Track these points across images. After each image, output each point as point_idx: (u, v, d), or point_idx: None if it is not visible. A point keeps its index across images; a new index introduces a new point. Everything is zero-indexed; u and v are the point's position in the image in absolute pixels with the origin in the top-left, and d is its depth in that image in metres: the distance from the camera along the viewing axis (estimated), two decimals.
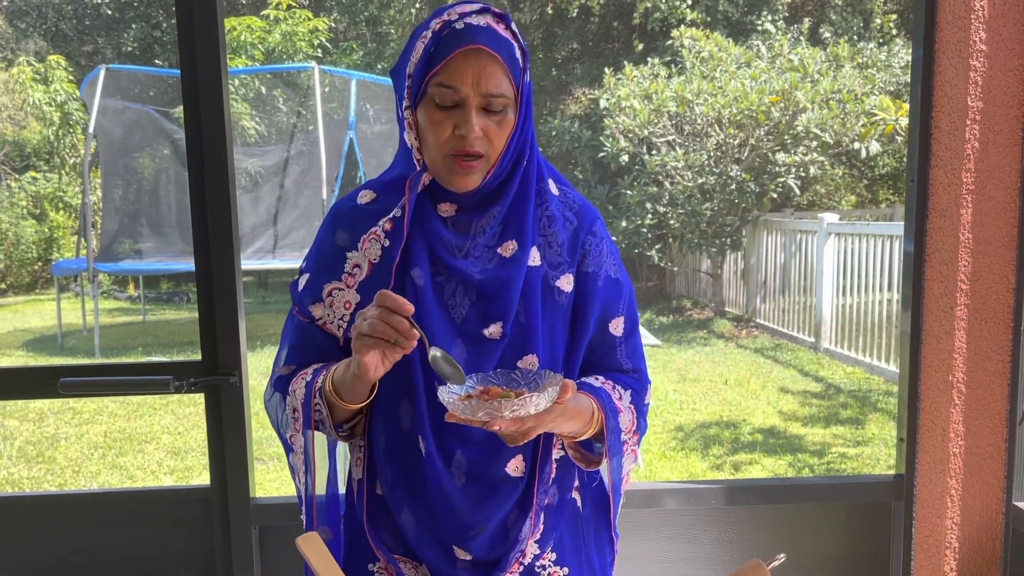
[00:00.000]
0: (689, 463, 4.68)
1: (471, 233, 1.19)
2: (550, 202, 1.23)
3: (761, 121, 8.33)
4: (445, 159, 1.13)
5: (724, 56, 8.88)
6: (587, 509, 1.30)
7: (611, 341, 1.26)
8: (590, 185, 10.03)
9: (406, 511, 1.20)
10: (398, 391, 1.18)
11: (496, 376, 1.11)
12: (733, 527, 2.00)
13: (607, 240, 1.26)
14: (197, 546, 1.93)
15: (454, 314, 1.17)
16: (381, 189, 1.24)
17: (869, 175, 11.40)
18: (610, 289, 1.24)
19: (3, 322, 9.61)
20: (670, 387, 6.23)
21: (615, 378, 1.25)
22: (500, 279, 1.16)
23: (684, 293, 10.47)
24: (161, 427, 5.44)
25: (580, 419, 1.13)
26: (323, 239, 1.25)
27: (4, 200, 11.95)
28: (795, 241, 8.11)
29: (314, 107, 8.47)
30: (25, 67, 11.76)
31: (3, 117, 12.95)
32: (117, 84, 8.44)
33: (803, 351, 7.47)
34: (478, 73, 1.10)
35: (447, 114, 1.12)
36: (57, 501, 1.94)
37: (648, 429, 1.30)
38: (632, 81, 9.04)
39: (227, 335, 1.83)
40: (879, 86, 8.48)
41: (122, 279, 11.47)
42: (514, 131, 1.15)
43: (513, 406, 0.99)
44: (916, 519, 1.94)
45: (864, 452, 4.81)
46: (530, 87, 1.19)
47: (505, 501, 1.19)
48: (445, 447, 1.17)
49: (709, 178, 8.67)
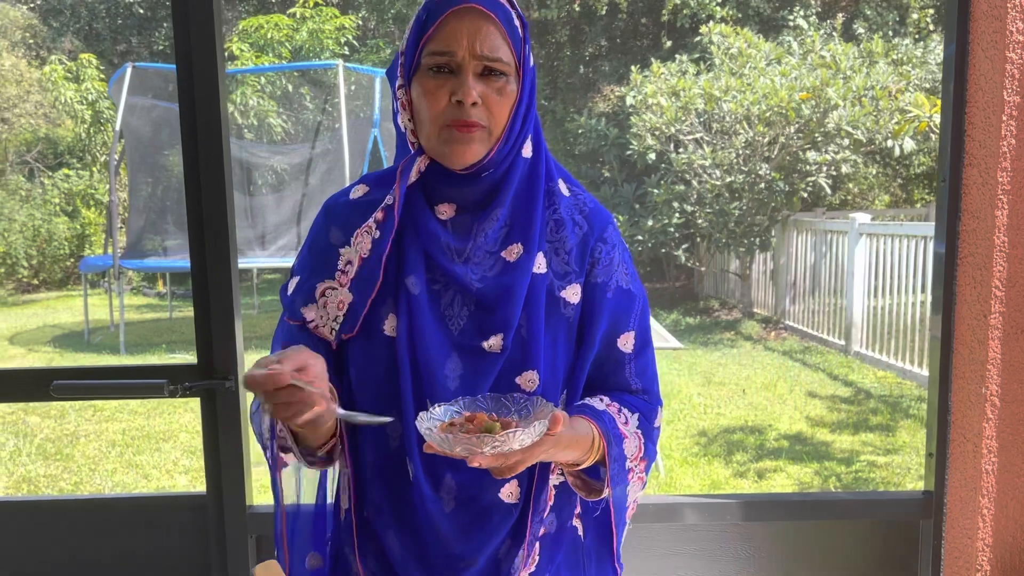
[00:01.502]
0: (711, 470, 4.56)
1: (472, 235, 1.10)
2: (559, 204, 1.14)
3: (791, 118, 8.17)
4: (441, 130, 1.05)
5: (754, 52, 8.72)
6: (589, 538, 1.20)
7: (619, 358, 1.16)
8: (617, 184, 9.92)
9: (392, 535, 1.12)
10: (386, 405, 1.09)
11: (485, 401, 1.02)
12: (751, 543, 1.91)
13: (620, 247, 1.16)
14: (193, 555, 1.88)
15: (451, 325, 1.08)
16: (375, 182, 1.16)
17: (904, 174, 11.16)
18: (620, 301, 1.14)
19: (34, 318, 9.72)
20: (694, 390, 6.12)
21: (622, 399, 1.15)
22: (502, 287, 1.07)
23: (712, 294, 10.32)
24: (180, 425, 5.44)
25: (578, 448, 1.04)
26: (315, 237, 1.16)
27: (37, 197, 12.11)
28: (826, 241, 7.94)
29: (339, 105, 8.45)
30: (57, 65, 11.91)
31: (38, 115, 13.12)
32: (145, 82, 8.48)
33: (833, 354, 7.31)
34: (473, 34, 1.02)
35: (442, 81, 1.04)
36: (51, 506, 1.91)
37: (671, 435, 1.20)
38: (659, 78, 8.91)
39: (222, 338, 1.78)
40: (914, 83, 8.27)
41: (151, 276, 11.56)
42: (516, 105, 1.07)
43: (494, 442, 0.90)
44: (945, 539, 1.84)
45: (894, 461, 4.67)
46: (534, 71, 1.11)
47: (497, 530, 1.09)
48: (434, 470, 1.08)
49: (738, 177, 8.52)
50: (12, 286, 11.72)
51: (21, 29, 13.51)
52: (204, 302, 1.77)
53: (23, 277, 11.79)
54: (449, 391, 1.06)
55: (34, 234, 11.66)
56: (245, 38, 10.98)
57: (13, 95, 12.71)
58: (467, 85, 1.02)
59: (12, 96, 12.70)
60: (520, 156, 1.11)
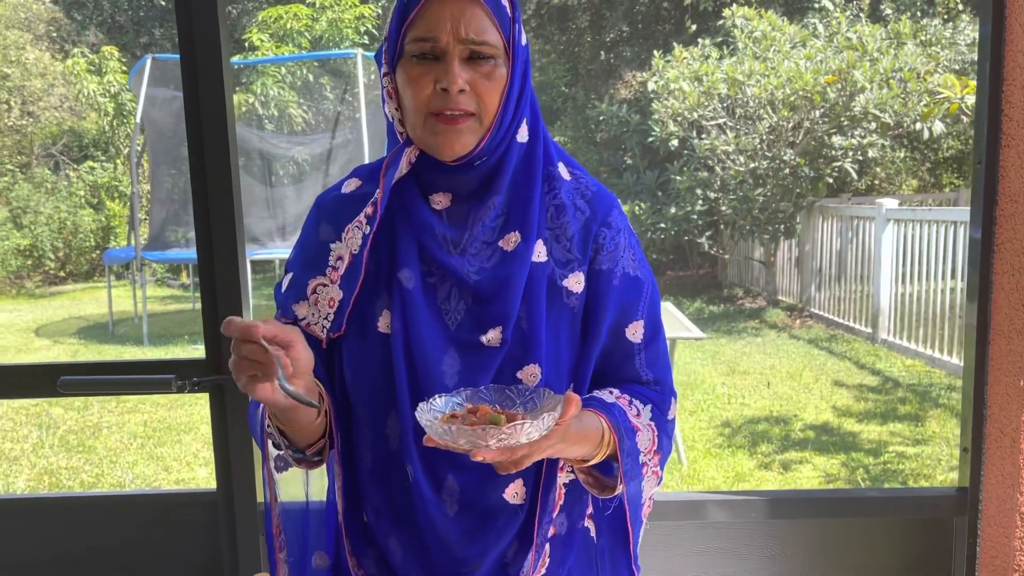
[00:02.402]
0: (735, 461, 4.49)
1: (468, 224, 1.04)
2: (560, 188, 1.08)
3: (816, 102, 8.02)
4: (427, 119, 0.99)
5: (778, 35, 8.56)
6: (602, 539, 1.14)
7: (628, 348, 1.09)
8: (639, 171, 9.82)
9: (393, 540, 1.07)
10: (382, 404, 1.04)
11: (488, 392, 0.96)
12: (778, 542, 1.85)
13: (626, 231, 1.10)
14: (204, 552, 1.85)
15: (448, 320, 1.03)
16: (368, 175, 1.12)
17: (932, 158, 10.94)
18: (628, 289, 1.08)
19: (60, 309, 9.82)
20: (718, 380, 6.03)
21: (633, 391, 1.09)
22: (499, 277, 1.02)
23: (736, 281, 10.20)
24: (200, 417, 5.45)
25: (586, 442, 0.98)
26: (306, 235, 1.13)
27: (63, 190, 12.23)
28: (852, 227, 7.81)
29: (359, 94, 8.42)
30: (79, 59, 11.98)
31: (62, 108, 13.23)
32: (166, 74, 8.50)
33: (859, 342, 7.18)
34: (456, 16, 0.96)
35: (426, 68, 0.98)
36: (64, 503, 1.89)
37: (693, 425, 1.14)
38: (682, 63, 8.78)
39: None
40: (943, 64, 8.08)
41: (174, 267, 11.65)
42: (508, 89, 1.00)
43: (500, 434, 0.85)
44: (981, 538, 1.77)
45: (924, 452, 4.57)
46: (527, 50, 1.04)
47: (503, 532, 1.04)
48: (434, 471, 1.03)
49: (762, 163, 8.39)
50: (39, 278, 11.85)
51: (45, 23, 13.61)
52: (211, 295, 1.73)
53: (50, 269, 11.92)
54: (447, 388, 1.01)
55: (60, 226, 11.77)
56: (265, 28, 10.98)
57: (38, 88, 12.82)
58: (452, 72, 0.97)
59: (37, 90, 12.81)
60: (515, 141, 1.05)
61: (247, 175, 8.84)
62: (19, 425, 5.35)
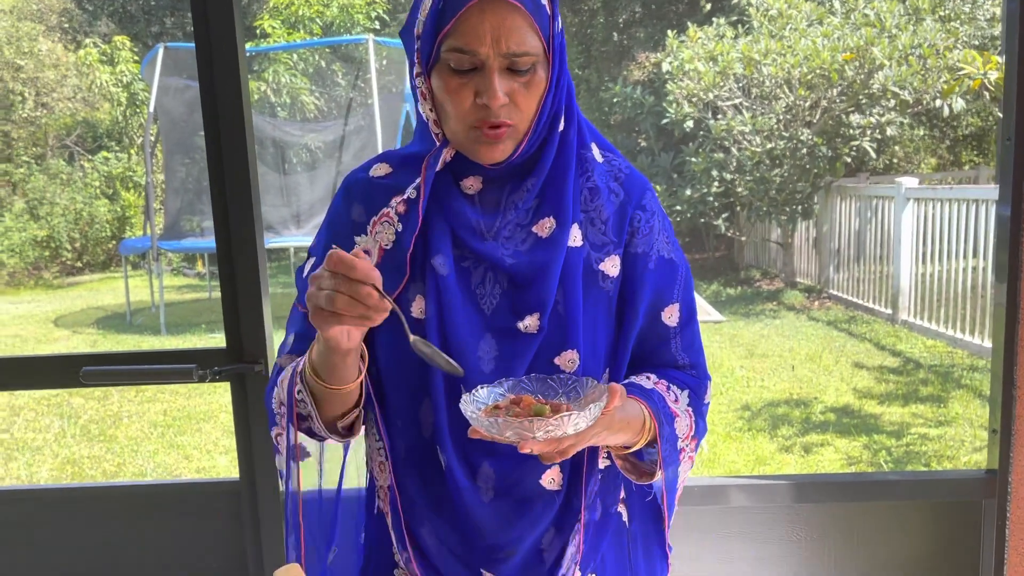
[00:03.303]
0: (756, 445, 4.46)
1: (501, 209, 1.03)
2: (593, 171, 1.06)
3: (834, 80, 7.91)
4: (468, 130, 0.98)
5: (794, 13, 8.44)
6: (635, 523, 1.14)
7: (664, 332, 1.09)
8: (654, 153, 9.75)
9: (427, 528, 1.06)
10: (416, 389, 1.03)
11: (530, 382, 0.96)
12: (802, 526, 1.84)
13: (659, 214, 1.09)
14: (229, 541, 1.86)
15: (483, 305, 1.02)
16: (399, 163, 1.09)
17: (951, 135, 10.80)
18: (663, 272, 1.07)
19: (78, 300, 9.89)
20: (736, 363, 6.00)
21: (669, 376, 1.09)
22: (536, 263, 1.00)
23: (753, 263, 10.13)
24: (220, 405, 5.48)
25: (629, 429, 0.98)
26: (335, 215, 1.10)
27: (78, 180, 12.29)
28: (871, 207, 7.72)
29: (371, 80, 8.39)
30: (91, 49, 12.01)
31: (76, 99, 13.27)
32: (178, 63, 8.50)
33: (879, 323, 7.12)
34: (497, 28, 0.93)
35: (465, 79, 0.95)
36: (88, 494, 1.89)
37: (713, 409, 1.13)
38: (696, 43, 8.68)
39: (251, 320, 1.74)
40: (963, 40, 7.95)
41: (190, 256, 11.70)
42: (546, 91, 0.98)
43: (547, 426, 0.84)
44: (1010, 520, 1.74)
45: (947, 433, 4.52)
46: (562, 37, 1.01)
47: (539, 519, 1.03)
48: (469, 458, 1.02)
49: (778, 143, 8.30)
50: (57, 269, 11.94)
51: (57, 13, 13.64)
52: (231, 284, 1.72)
53: (67, 260, 12.00)
54: (483, 374, 1.00)
55: (76, 217, 11.84)
56: (276, 15, 10.95)
57: (51, 80, 12.86)
58: (493, 86, 0.94)
59: (50, 81, 12.85)
60: (553, 132, 1.03)
61: (260, 163, 8.82)
62: (40, 415, 5.40)
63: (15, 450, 4.81)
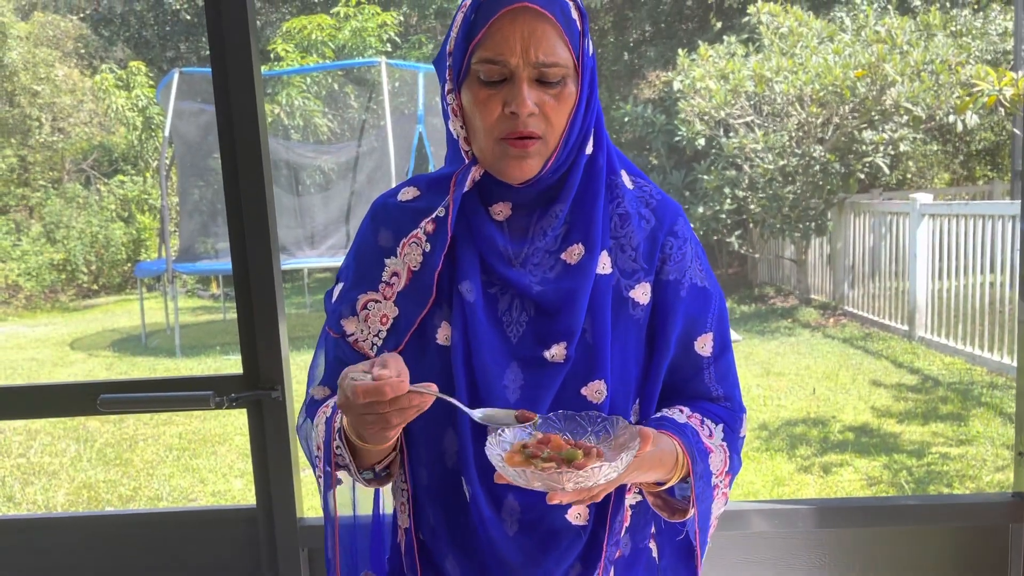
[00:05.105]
0: (774, 465, 4.42)
1: (529, 236, 1.02)
2: (623, 197, 1.05)
3: (846, 97, 7.90)
4: (496, 144, 0.97)
5: (805, 31, 8.44)
6: (665, 559, 1.11)
7: (697, 363, 1.07)
8: (665, 171, 9.74)
9: (450, 560, 1.04)
10: (441, 419, 1.01)
11: (558, 419, 0.93)
12: (825, 551, 1.80)
13: (692, 241, 1.07)
14: (245, 569, 1.84)
15: (509, 333, 1.00)
16: (427, 186, 1.08)
17: (965, 151, 10.74)
18: (696, 300, 1.05)
19: (94, 322, 9.95)
20: (753, 381, 5.95)
21: (703, 409, 1.06)
22: (563, 291, 0.99)
23: (767, 280, 10.08)
24: (235, 428, 5.47)
25: (661, 467, 0.96)
26: (362, 240, 1.09)
27: (94, 204, 12.40)
28: (885, 223, 7.67)
29: (383, 102, 8.44)
30: (107, 74, 12.15)
31: (92, 124, 13.41)
32: (193, 87, 8.59)
33: (896, 340, 7.05)
34: (527, 38, 0.93)
35: (495, 91, 0.95)
36: (105, 522, 1.89)
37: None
38: (707, 61, 8.69)
39: (268, 346, 1.73)
40: (975, 55, 7.93)
41: (205, 278, 11.75)
42: (576, 107, 0.98)
43: (577, 478, 0.82)
44: None
45: (968, 452, 4.46)
46: (594, 59, 1.01)
47: (566, 554, 1.01)
48: (493, 489, 1.00)
49: (791, 160, 8.28)
50: (73, 292, 12.02)
51: (73, 39, 13.82)
52: (248, 307, 1.72)
53: (83, 283, 12.08)
54: (509, 404, 0.98)
55: (92, 240, 11.94)
56: (289, 39, 11.06)
57: (68, 105, 13.01)
58: (522, 95, 0.94)
59: (67, 106, 13.00)
60: (581, 154, 1.02)
61: (274, 185, 8.87)
62: (57, 439, 5.41)
63: (32, 475, 4.82)
